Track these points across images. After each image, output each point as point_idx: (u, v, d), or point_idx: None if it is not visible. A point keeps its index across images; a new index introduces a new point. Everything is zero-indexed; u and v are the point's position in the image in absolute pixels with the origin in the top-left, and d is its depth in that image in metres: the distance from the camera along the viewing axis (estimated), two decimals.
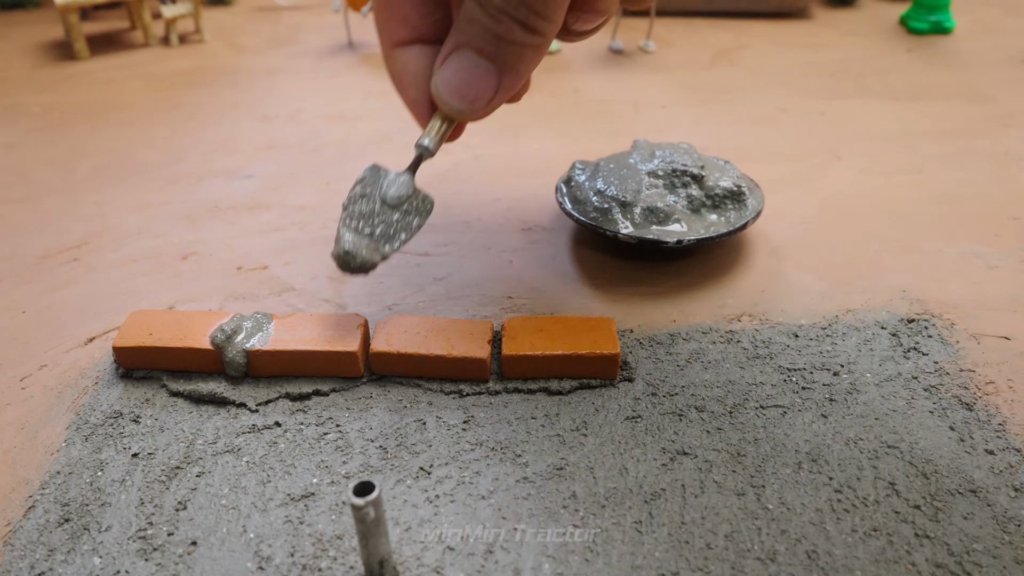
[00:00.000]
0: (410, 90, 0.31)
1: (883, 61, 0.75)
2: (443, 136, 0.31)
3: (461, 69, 0.29)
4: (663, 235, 0.41)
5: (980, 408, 0.33)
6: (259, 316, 0.36)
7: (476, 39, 0.28)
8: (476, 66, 0.28)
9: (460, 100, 0.29)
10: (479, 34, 0.28)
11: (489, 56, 0.28)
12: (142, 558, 0.27)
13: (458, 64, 0.29)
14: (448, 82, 0.29)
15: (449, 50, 0.29)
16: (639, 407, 0.33)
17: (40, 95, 0.71)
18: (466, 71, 0.29)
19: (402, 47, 0.30)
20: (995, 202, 0.49)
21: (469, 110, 0.29)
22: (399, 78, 0.31)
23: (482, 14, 0.27)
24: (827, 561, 0.27)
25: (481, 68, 0.28)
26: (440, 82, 0.29)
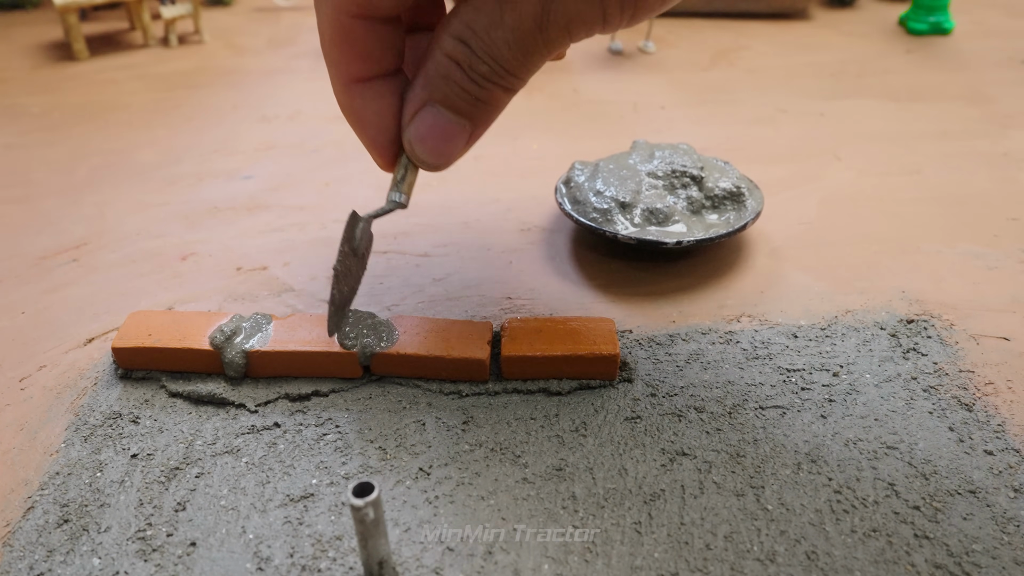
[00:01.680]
0: (372, 131, 0.30)
1: (882, 62, 0.75)
2: (412, 186, 0.31)
3: (436, 127, 0.28)
4: (662, 236, 0.41)
5: (979, 409, 0.33)
6: (258, 317, 0.36)
7: (452, 97, 0.28)
8: (451, 123, 0.28)
9: (435, 156, 0.29)
10: (456, 94, 0.27)
11: (465, 114, 0.28)
12: (141, 559, 0.27)
13: (433, 121, 0.28)
14: (423, 139, 0.28)
15: (419, 104, 0.28)
16: (638, 408, 0.33)
17: (39, 96, 0.71)
18: (441, 129, 0.28)
19: (361, 84, 0.29)
20: (994, 203, 0.49)
21: (442, 163, 0.29)
22: (358, 117, 0.29)
23: (462, 77, 0.27)
24: (826, 562, 0.27)
25: (456, 124, 0.28)
26: (415, 139, 0.29)
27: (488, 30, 0.26)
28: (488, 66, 0.27)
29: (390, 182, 0.30)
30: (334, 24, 0.27)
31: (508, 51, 0.26)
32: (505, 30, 0.26)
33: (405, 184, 0.30)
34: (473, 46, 0.26)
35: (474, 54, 0.26)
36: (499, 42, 0.26)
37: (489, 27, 0.26)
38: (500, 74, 0.27)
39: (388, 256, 0.45)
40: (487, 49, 0.26)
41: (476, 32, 0.26)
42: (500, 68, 0.27)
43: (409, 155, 0.29)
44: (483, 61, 0.27)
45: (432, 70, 0.27)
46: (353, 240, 0.32)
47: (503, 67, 0.27)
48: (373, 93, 0.29)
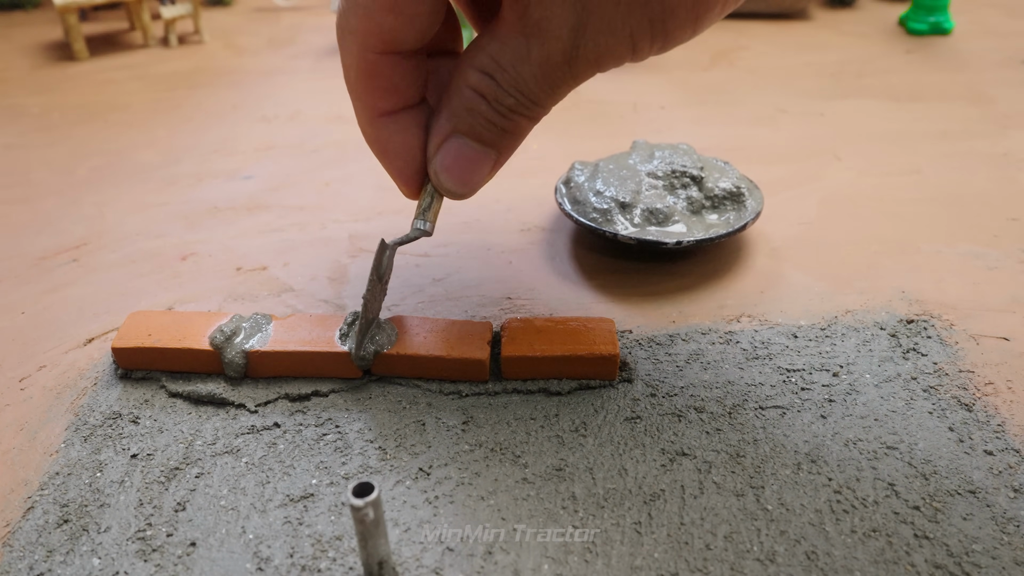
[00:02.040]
0: (399, 162, 0.30)
1: (882, 62, 0.75)
2: (437, 214, 0.31)
3: (461, 157, 0.29)
4: (662, 236, 0.41)
5: (979, 409, 0.33)
6: (258, 317, 0.36)
7: (478, 129, 0.28)
8: (476, 153, 0.28)
9: (461, 185, 0.29)
10: (482, 125, 0.28)
11: (490, 143, 0.28)
12: (141, 559, 0.27)
13: (458, 152, 0.28)
14: (449, 170, 0.29)
15: (445, 136, 0.28)
16: (638, 408, 0.33)
17: (39, 96, 0.71)
18: (467, 159, 0.29)
19: (386, 117, 0.29)
20: (994, 203, 0.49)
21: (468, 192, 0.30)
22: (384, 149, 0.30)
23: (488, 109, 0.27)
24: (826, 562, 0.27)
25: (481, 154, 0.29)
26: (440, 169, 0.29)
27: (514, 64, 0.26)
28: (514, 99, 0.27)
29: (415, 210, 0.31)
30: (360, 61, 0.28)
31: (535, 84, 0.26)
32: (532, 65, 0.26)
33: (431, 212, 0.31)
34: (499, 79, 0.27)
35: (500, 87, 0.27)
36: (526, 76, 0.26)
37: (515, 61, 0.26)
38: (526, 105, 0.27)
39: None
40: (513, 83, 0.26)
41: (502, 66, 0.26)
42: (527, 100, 0.27)
43: (435, 185, 0.30)
44: (509, 94, 0.27)
45: (457, 103, 0.28)
46: (380, 268, 0.33)
47: (529, 99, 0.27)
48: (398, 126, 0.29)
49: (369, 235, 0.47)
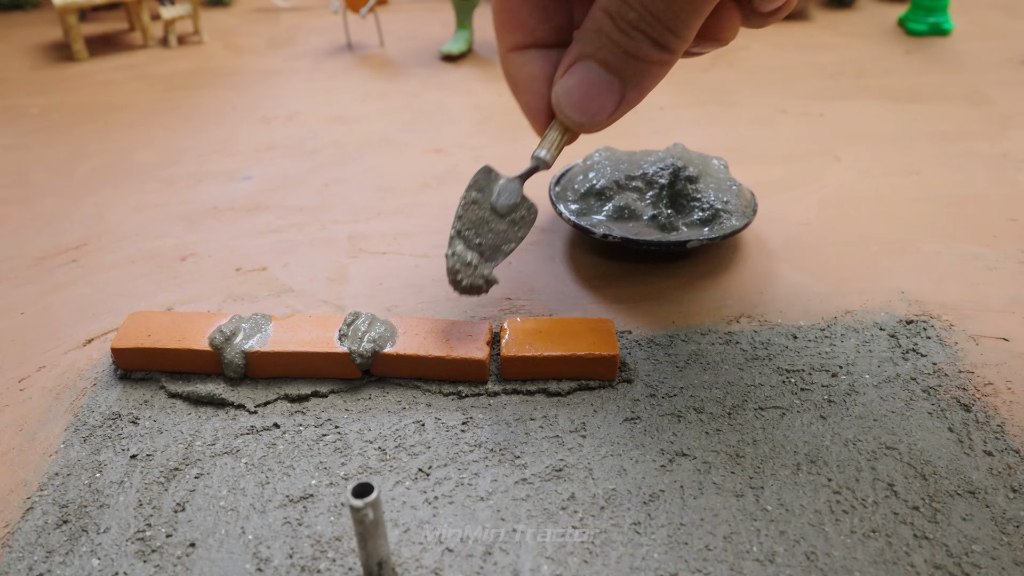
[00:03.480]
0: (526, 95, 0.30)
1: (881, 63, 0.75)
2: (560, 147, 0.30)
3: (584, 82, 0.28)
4: (661, 236, 0.41)
5: (979, 409, 0.33)
6: (258, 317, 0.36)
7: (602, 52, 0.27)
8: (600, 79, 0.28)
9: (581, 113, 0.28)
10: (606, 47, 0.27)
11: (615, 70, 0.27)
12: (140, 559, 0.27)
13: (581, 76, 0.28)
14: (570, 93, 0.28)
15: (572, 60, 0.28)
16: (638, 408, 0.33)
17: (39, 96, 0.71)
18: (589, 84, 0.28)
19: (519, 51, 0.29)
20: (993, 203, 0.49)
21: (590, 123, 0.29)
22: (515, 83, 0.30)
23: (612, 27, 0.27)
24: (826, 562, 0.27)
25: (605, 82, 0.28)
26: (562, 93, 0.28)
27: None
28: (637, 12, 0.26)
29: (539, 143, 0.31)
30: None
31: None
32: None
33: (548, 142, 0.30)
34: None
35: (625, 3, 0.26)
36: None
37: None
38: (649, 23, 0.26)
39: (387, 257, 0.45)
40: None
41: None
42: (649, 16, 0.26)
43: (555, 111, 0.29)
44: (632, 8, 0.26)
45: (587, 25, 0.27)
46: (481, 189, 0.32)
47: (652, 15, 0.26)
48: (529, 61, 0.29)
49: (369, 235, 0.47)
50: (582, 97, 0.28)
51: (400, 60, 0.79)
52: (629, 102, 0.28)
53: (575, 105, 0.28)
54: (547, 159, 0.30)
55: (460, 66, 0.77)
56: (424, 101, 0.69)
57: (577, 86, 0.28)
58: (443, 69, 0.77)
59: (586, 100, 0.28)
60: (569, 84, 0.28)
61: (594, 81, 0.28)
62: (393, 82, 0.74)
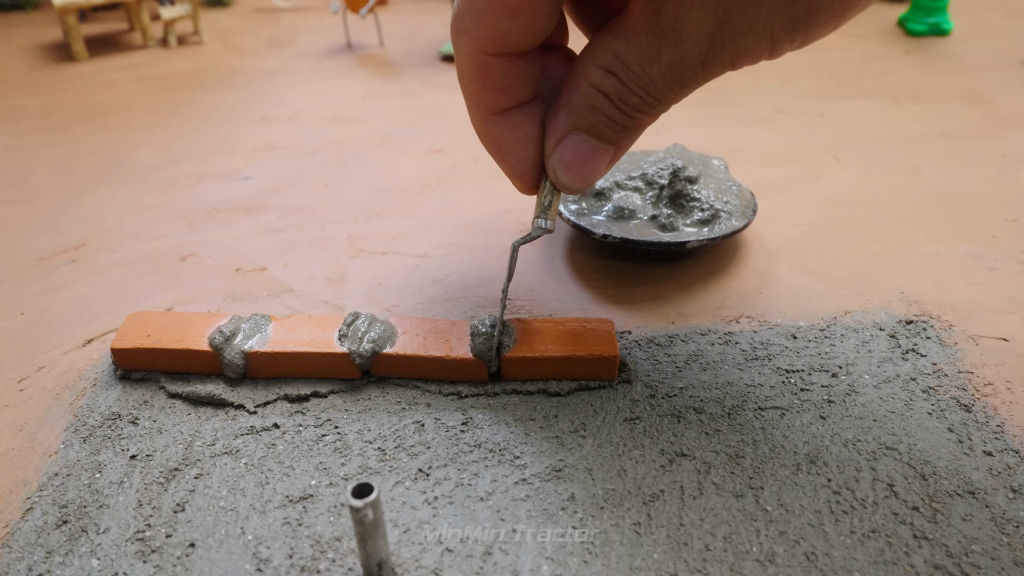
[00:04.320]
0: (512, 159, 0.30)
1: (881, 63, 0.75)
2: (557, 210, 0.31)
3: (580, 154, 0.28)
4: (659, 236, 0.41)
5: (978, 410, 0.33)
6: (257, 318, 0.36)
7: (598, 126, 0.28)
8: (595, 149, 0.28)
9: (580, 181, 0.29)
10: (602, 122, 0.28)
11: (609, 140, 0.28)
12: (140, 560, 0.27)
13: (577, 148, 0.28)
14: (568, 166, 0.29)
15: (564, 132, 0.28)
16: (638, 409, 0.33)
17: (38, 96, 0.71)
18: (585, 155, 0.28)
19: (500, 115, 0.29)
20: (993, 204, 0.49)
21: (586, 187, 0.29)
22: (498, 147, 0.30)
23: (609, 107, 0.27)
24: (826, 563, 0.27)
25: (600, 151, 0.28)
26: (560, 167, 0.29)
27: (642, 64, 0.26)
28: (639, 98, 0.27)
29: (535, 208, 0.31)
30: (473, 62, 0.27)
31: (663, 85, 0.26)
32: (662, 65, 0.25)
33: (551, 210, 0.31)
34: (624, 79, 0.26)
35: (625, 86, 0.26)
36: (654, 76, 0.26)
37: (643, 62, 0.25)
38: (651, 104, 0.27)
39: (387, 257, 0.45)
40: (640, 83, 0.26)
41: (628, 65, 0.26)
42: (652, 99, 0.27)
43: (553, 181, 0.30)
44: (634, 93, 0.26)
45: (578, 101, 0.27)
46: (511, 271, 0.33)
47: (655, 98, 0.27)
48: (512, 124, 0.29)
49: (368, 236, 0.47)
50: (580, 168, 0.29)
51: (400, 60, 0.79)
52: (617, 158, 0.30)
53: (574, 176, 0.29)
54: (550, 227, 0.31)
55: None
56: (424, 101, 0.69)
57: (574, 159, 0.28)
58: (443, 69, 0.77)
59: (584, 170, 0.29)
60: (566, 158, 0.29)
61: (589, 152, 0.28)
62: (393, 82, 0.74)
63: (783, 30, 0.24)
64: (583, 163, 0.28)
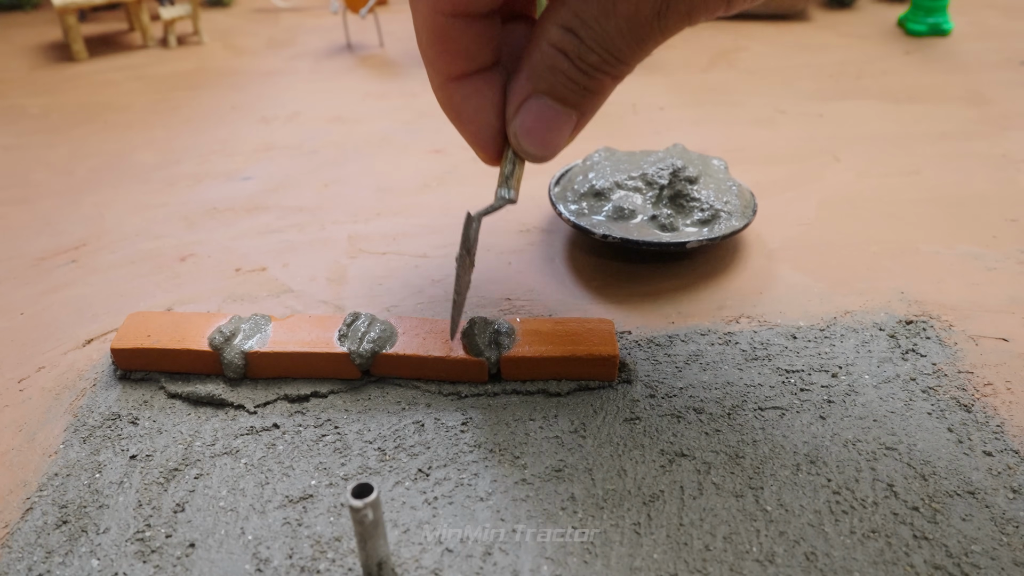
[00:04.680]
0: (473, 126, 0.29)
1: (881, 63, 0.75)
2: (520, 180, 0.30)
3: (543, 117, 0.28)
4: (657, 237, 0.41)
5: (978, 410, 0.33)
6: (257, 318, 0.36)
7: (559, 88, 0.27)
8: (557, 113, 0.28)
9: (542, 147, 0.28)
10: (563, 84, 0.27)
11: (572, 103, 0.27)
12: (140, 560, 0.27)
13: (539, 112, 0.28)
14: (530, 131, 0.28)
15: (524, 96, 0.28)
16: (637, 409, 0.33)
17: (38, 97, 0.71)
18: (548, 119, 0.28)
19: (459, 80, 0.28)
20: (993, 204, 0.49)
21: (549, 155, 0.29)
22: (459, 113, 0.29)
23: (569, 66, 0.26)
24: (826, 563, 0.27)
25: (562, 114, 0.28)
26: (521, 132, 0.28)
27: (599, 19, 0.25)
28: (598, 55, 0.26)
29: (498, 178, 0.30)
30: (430, 23, 0.27)
31: (621, 40, 0.25)
32: (619, 19, 0.25)
33: (513, 179, 0.30)
34: (582, 35, 0.26)
35: (583, 44, 0.26)
36: (611, 31, 0.25)
37: (600, 16, 0.25)
38: (611, 63, 0.26)
39: (387, 257, 0.45)
40: (598, 39, 0.25)
41: (585, 21, 0.25)
42: (611, 57, 0.26)
43: (515, 148, 0.29)
44: (593, 51, 0.26)
45: (538, 61, 0.27)
46: (468, 241, 0.32)
47: (614, 56, 0.26)
48: (472, 89, 0.28)
49: (368, 236, 0.47)
50: (542, 133, 0.28)
51: (400, 60, 0.79)
52: (580, 127, 0.29)
53: (536, 141, 0.28)
54: (513, 198, 0.30)
55: None
56: (424, 101, 0.69)
57: (536, 123, 0.28)
58: None
59: (546, 135, 0.28)
60: (528, 122, 0.28)
61: (551, 116, 0.28)
62: (393, 82, 0.74)
63: None
64: (546, 128, 0.28)
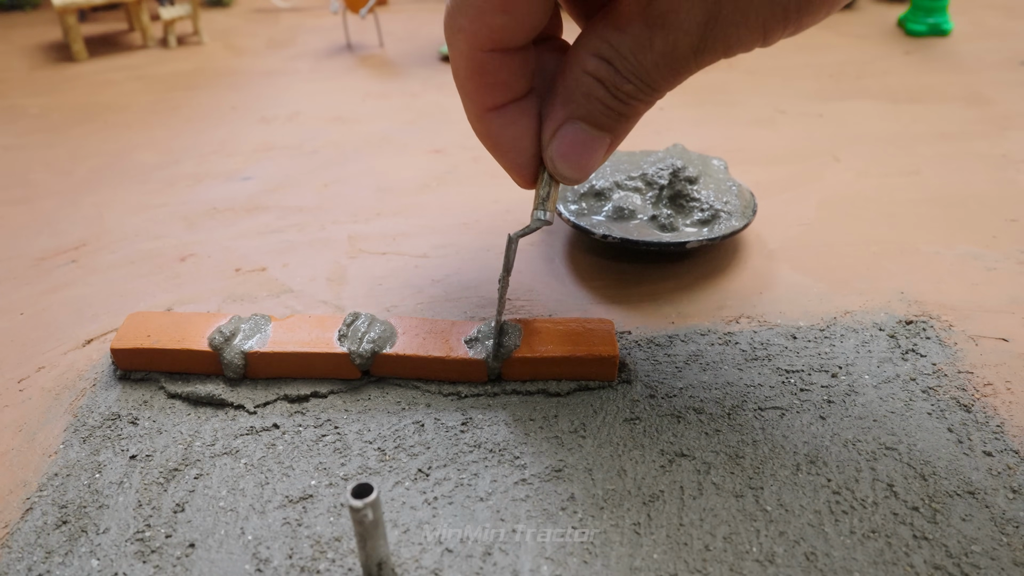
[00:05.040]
0: (510, 153, 0.30)
1: (881, 63, 0.75)
2: (556, 201, 0.31)
3: (577, 143, 0.28)
4: (656, 237, 0.41)
5: (978, 410, 0.33)
6: (257, 318, 0.36)
7: (594, 114, 0.28)
8: (592, 137, 0.28)
9: (578, 170, 0.29)
10: (598, 111, 0.28)
11: (606, 128, 0.28)
12: (140, 560, 0.27)
13: (574, 137, 0.28)
14: (566, 156, 0.29)
15: (560, 122, 0.28)
16: (637, 409, 0.33)
17: (38, 97, 0.71)
18: (583, 144, 0.28)
19: (496, 111, 0.29)
20: (993, 204, 0.49)
21: (584, 177, 0.29)
22: (497, 143, 0.30)
23: (605, 94, 0.27)
24: (826, 563, 0.27)
25: (597, 139, 0.28)
26: (557, 156, 0.29)
27: (635, 52, 0.26)
28: (633, 85, 0.27)
29: (534, 200, 0.31)
30: (469, 58, 0.27)
31: (656, 73, 0.26)
32: (655, 54, 0.26)
33: (550, 202, 0.31)
34: (618, 66, 0.26)
35: (618, 74, 0.26)
36: (647, 65, 0.26)
37: (636, 50, 0.26)
38: (645, 91, 0.27)
39: (387, 257, 0.45)
40: (633, 70, 0.26)
41: (621, 53, 0.26)
42: (645, 87, 0.27)
43: (551, 172, 0.30)
44: (628, 80, 0.27)
45: (573, 88, 0.27)
46: (509, 263, 0.33)
47: (649, 86, 0.27)
48: (509, 119, 0.29)
49: (368, 236, 0.47)
50: (578, 157, 0.29)
51: (400, 61, 0.79)
52: (615, 147, 0.30)
53: (572, 165, 0.29)
54: (550, 219, 0.31)
55: None
56: (424, 102, 0.69)
57: (571, 148, 0.28)
58: (443, 70, 0.77)
59: (582, 159, 0.29)
60: (563, 148, 0.29)
61: (587, 141, 0.28)
62: (393, 83, 0.74)
63: (775, 18, 0.24)
64: (580, 152, 0.29)
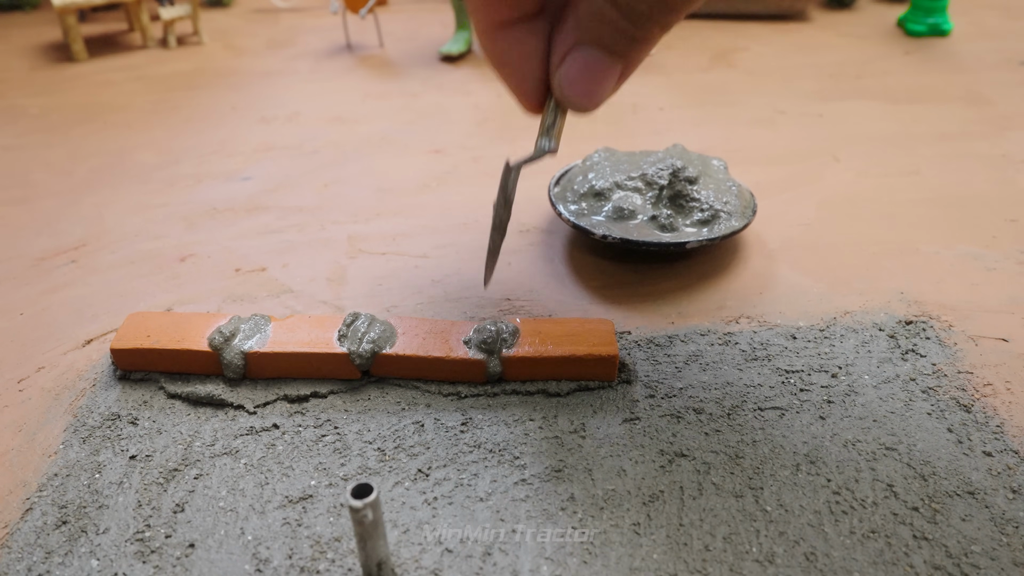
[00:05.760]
0: (517, 75, 0.29)
1: (881, 63, 0.75)
2: (561, 131, 0.30)
3: (588, 68, 0.27)
4: (656, 237, 0.41)
5: (978, 410, 0.33)
6: (257, 318, 0.36)
7: (606, 37, 0.27)
8: (602, 63, 0.27)
9: (586, 98, 0.28)
10: (611, 34, 0.26)
11: (618, 53, 0.27)
12: (140, 560, 0.27)
13: (585, 62, 0.27)
14: (574, 81, 0.28)
15: (570, 45, 0.27)
16: (637, 409, 0.33)
17: (38, 97, 0.71)
18: (593, 70, 0.27)
19: (504, 28, 0.28)
20: (992, 204, 0.49)
21: (593, 105, 0.28)
22: (502, 61, 0.29)
23: (618, 17, 0.26)
24: (825, 563, 0.27)
25: (608, 65, 0.27)
26: (565, 82, 0.28)
27: None
28: (648, 4, 0.26)
29: (539, 128, 0.30)
30: None
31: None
32: None
33: (555, 130, 0.29)
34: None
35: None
36: None
37: None
38: (661, 11, 0.26)
39: (387, 257, 0.45)
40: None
41: None
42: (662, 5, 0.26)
43: (558, 98, 0.29)
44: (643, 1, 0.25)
45: (585, 10, 0.26)
46: (507, 190, 0.31)
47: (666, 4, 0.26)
48: (516, 37, 0.28)
49: (368, 236, 0.47)
50: (588, 84, 0.28)
51: (400, 61, 0.79)
52: (625, 77, 0.28)
53: (581, 91, 0.28)
54: (553, 148, 0.30)
55: (459, 67, 0.77)
56: (423, 102, 0.69)
57: (581, 74, 0.27)
58: (442, 70, 0.77)
59: (591, 85, 0.28)
60: (572, 72, 0.27)
61: (597, 66, 0.27)
62: (393, 83, 0.74)
63: None
64: (590, 79, 0.27)
